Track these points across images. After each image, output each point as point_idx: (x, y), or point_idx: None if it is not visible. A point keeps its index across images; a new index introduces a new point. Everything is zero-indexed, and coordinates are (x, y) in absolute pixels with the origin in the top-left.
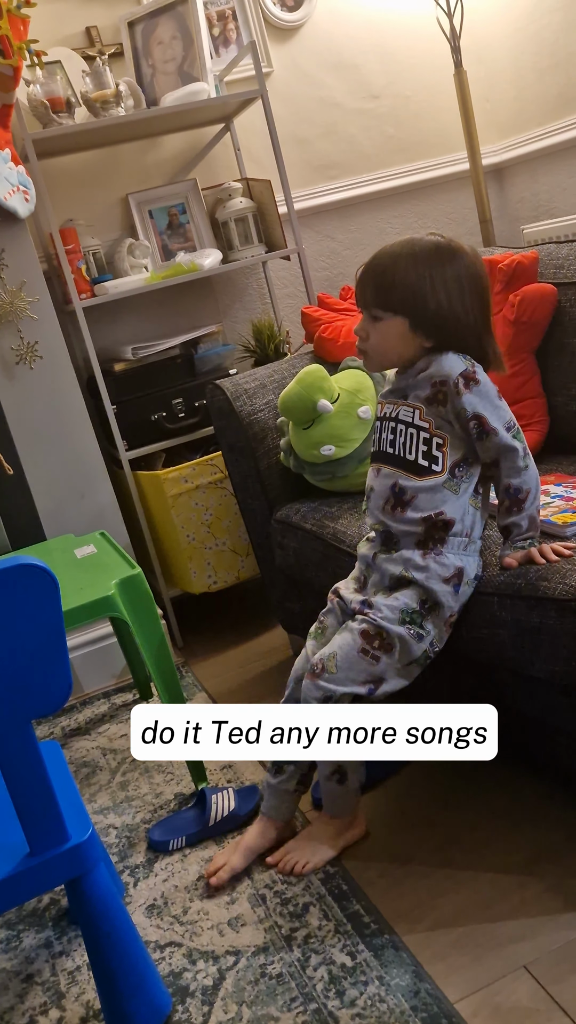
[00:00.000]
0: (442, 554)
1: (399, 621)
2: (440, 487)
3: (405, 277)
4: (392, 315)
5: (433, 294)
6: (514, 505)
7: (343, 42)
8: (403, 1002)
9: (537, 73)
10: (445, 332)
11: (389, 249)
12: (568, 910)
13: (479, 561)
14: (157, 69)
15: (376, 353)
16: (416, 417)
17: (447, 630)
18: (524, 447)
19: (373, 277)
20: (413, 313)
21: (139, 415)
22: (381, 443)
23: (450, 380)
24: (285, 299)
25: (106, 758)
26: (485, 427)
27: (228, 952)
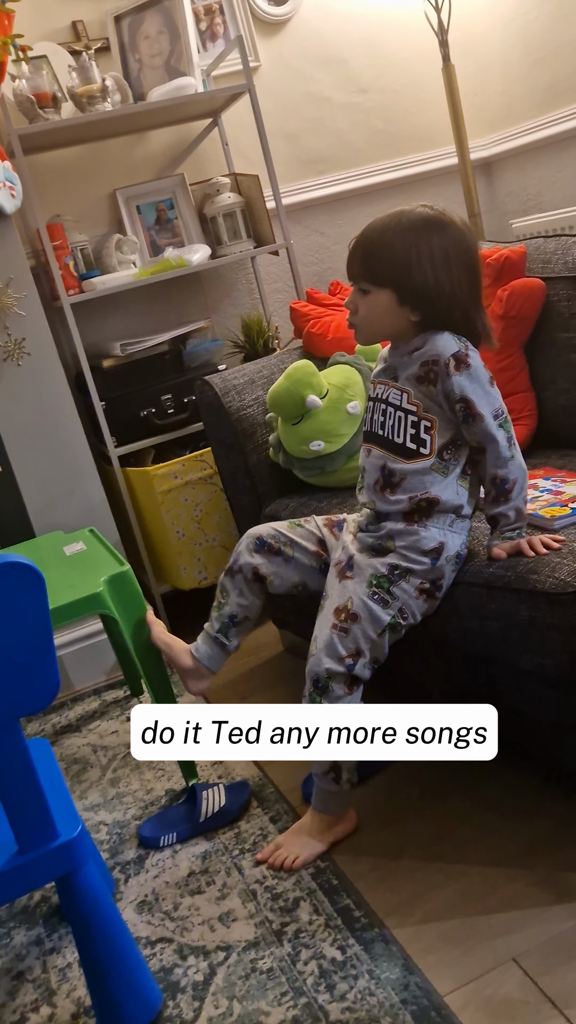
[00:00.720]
0: (426, 527)
1: (367, 584)
2: (428, 470)
3: (391, 249)
4: (379, 288)
5: (419, 266)
6: (500, 496)
7: (331, 36)
8: (393, 995)
9: (525, 67)
10: (431, 305)
11: (378, 221)
12: (558, 902)
13: (464, 540)
14: (144, 64)
15: (364, 326)
16: (404, 400)
17: (420, 599)
18: (510, 436)
19: (361, 250)
20: (399, 286)
21: (128, 411)
22: (373, 424)
23: (441, 359)
24: (274, 294)
25: (97, 755)
26: (472, 411)
27: (219, 947)
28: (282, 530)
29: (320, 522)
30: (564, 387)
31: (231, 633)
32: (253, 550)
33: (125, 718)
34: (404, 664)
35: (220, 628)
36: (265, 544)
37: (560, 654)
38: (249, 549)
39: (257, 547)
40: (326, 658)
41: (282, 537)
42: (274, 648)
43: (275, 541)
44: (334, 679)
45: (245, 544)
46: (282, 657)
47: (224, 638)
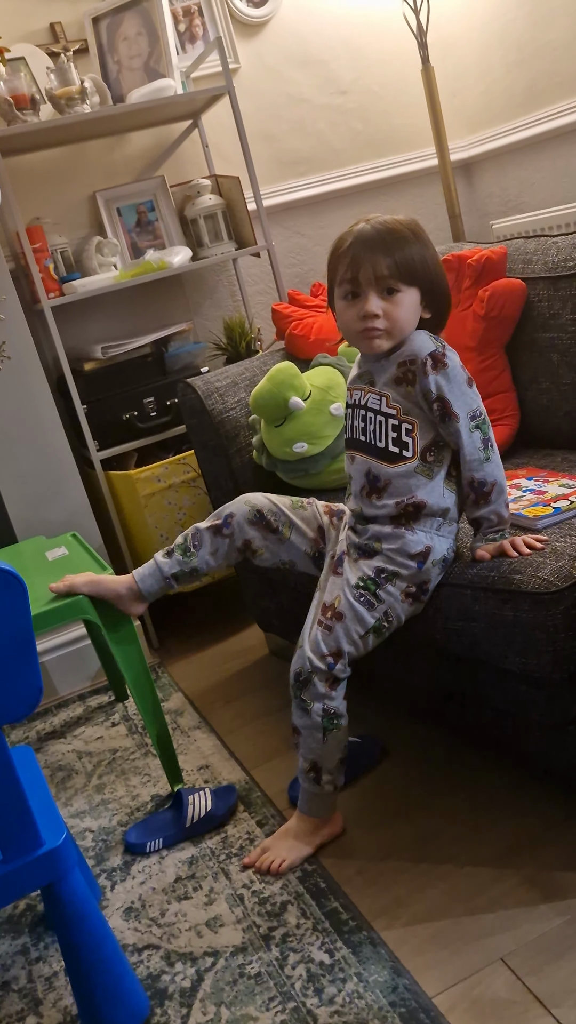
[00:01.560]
0: (413, 531)
1: (354, 586)
2: (413, 472)
3: (418, 247)
4: (409, 287)
5: (437, 267)
6: (480, 498)
7: (310, 38)
8: (381, 998)
9: (504, 69)
10: (440, 304)
11: (391, 224)
12: (544, 901)
13: (452, 545)
14: (123, 65)
15: (394, 329)
16: (383, 404)
17: (406, 602)
18: (486, 439)
19: (385, 250)
20: (426, 284)
21: (110, 415)
22: (354, 430)
23: (419, 359)
24: (256, 296)
25: (82, 761)
26: (448, 411)
27: (206, 953)
28: (284, 508)
29: (321, 508)
30: (545, 387)
31: (182, 581)
32: (251, 521)
33: (110, 724)
34: (389, 665)
35: (176, 574)
36: (264, 519)
37: (544, 654)
38: (247, 519)
39: (255, 519)
40: (310, 652)
41: (283, 516)
42: (259, 651)
43: (275, 519)
44: (316, 675)
45: (242, 512)
46: (267, 660)
47: (174, 581)
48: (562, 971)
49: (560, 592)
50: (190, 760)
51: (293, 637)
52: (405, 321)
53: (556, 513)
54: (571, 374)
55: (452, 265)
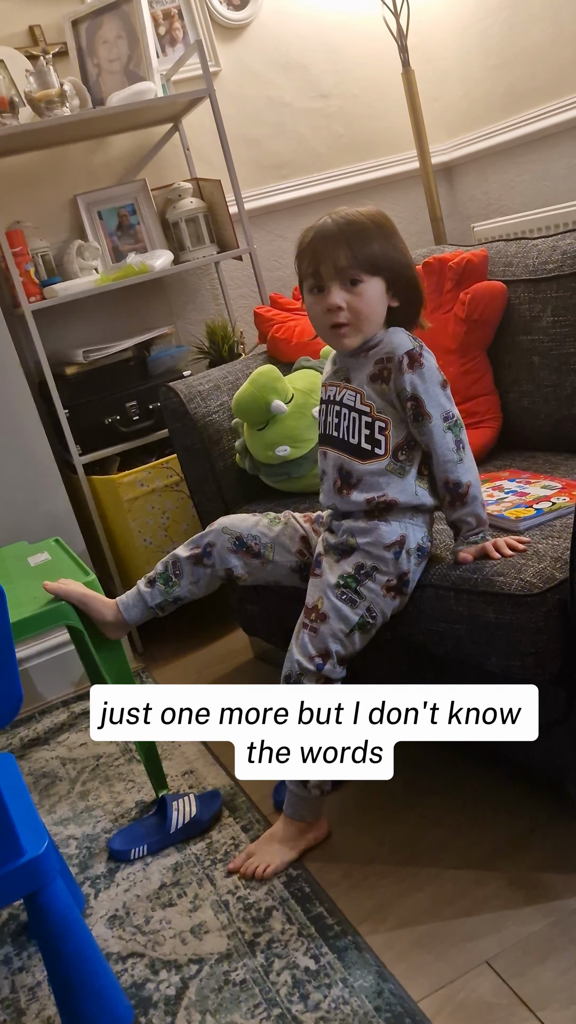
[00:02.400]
0: (387, 522)
1: (334, 586)
2: (384, 471)
3: (381, 237)
4: (372, 276)
5: (401, 251)
6: (456, 500)
7: (291, 41)
8: (367, 1003)
9: (484, 72)
10: (410, 293)
11: (348, 215)
12: (528, 903)
13: (426, 534)
14: (103, 68)
15: (360, 320)
16: (358, 401)
17: (388, 597)
18: (459, 440)
19: (347, 241)
20: (393, 271)
21: (92, 419)
22: (327, 426)
23: (396, 356)
24: (238, 299)
25: (66, 768)
26: (421, 410)
27: (191, 960)
28: (263, 529)
29: (299, 518)
30: (527, 389)
31: (167, 608)
32: (232, 549)
33: None
34: (372, 666)
35: (160, 604)
36: (245, 545)
37: (526, 655)
38: (227, 548)
39: (236, 547)
40: (298, 655)
41: (264, 539)
42: (244, 655)
43: (255, 543)
44: (306, 676)
45: (221, 542)
46: (252, 664)
47: (159, 611)
48: (547, 973)
49: (542, 594)
50: (175, 766)
51: (278, 641)
52: (370, 312)
53: (538, 515)
54: (552, 376)
55: (434, 268)
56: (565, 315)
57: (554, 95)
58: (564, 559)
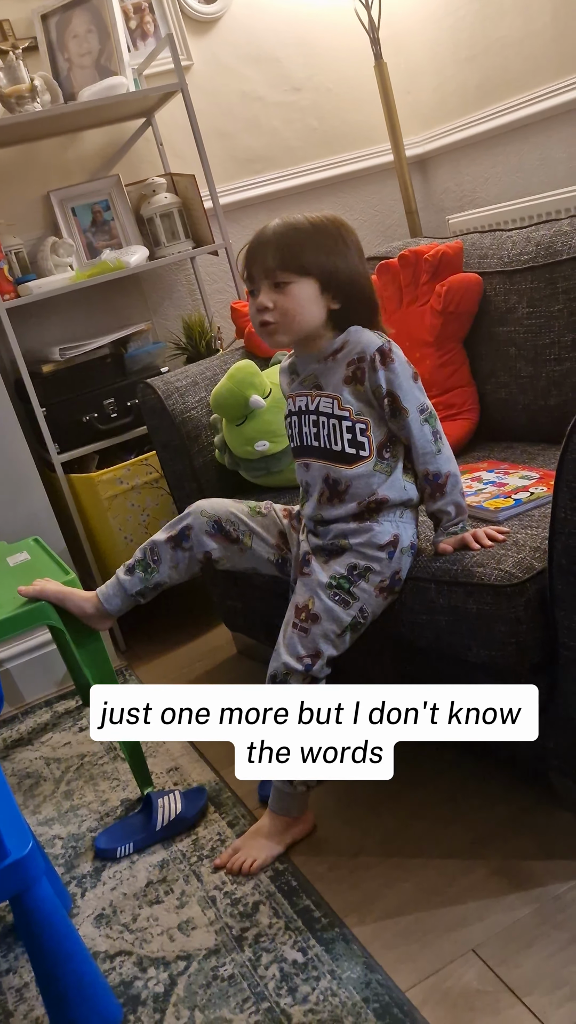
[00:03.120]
0: (379, 522)
1: (327, 586)
2: (372, 471)
3: (314, 240)
4: (301, 277)
5: (342, 257)
6: (436, 491)
7: (263, 34)
8: (355, 994)
9: (456, 64)
10: (354, 294)
11: (281, 222)
12: (513, 891)
13: (415, 530)
14: (73, 63)
15: (288, 321)
16: (335, 407)
17: (380, 597)
18: (435, 431)
19: (277, 244)
20: (324, 272)
21: (70, 417)
22: (303, 437)
23: (367, 355)
24: (215, 294)
25: (50, 768)
26: (398, 405)
27: (179, 957)
28: (243, 516)
29: (279, 511)
30: (504, 380)
31: (148, 594)
32: (210, 533)
33: (78, 729)
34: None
35: (140, 591)
36: (223, 529)
37: (507, 645)
38: (205, 531)
39: (214, 530)
40: (285, 655)
41: (242, 526)
42: (227, 651)
43: (233, 529)
44: (292, 676)
45: (199, 524)
46: (235, 660)
47: (140, 597)
48: (532, 959)
49: (522, 584)
50: (159, 763)
51: (260, 636)
52: (299, 313)
53: (517, 505)
54: (528, 367)
55: (409, 261)
56: (540, 306)
57: (526, 87)
58: (543, 549)
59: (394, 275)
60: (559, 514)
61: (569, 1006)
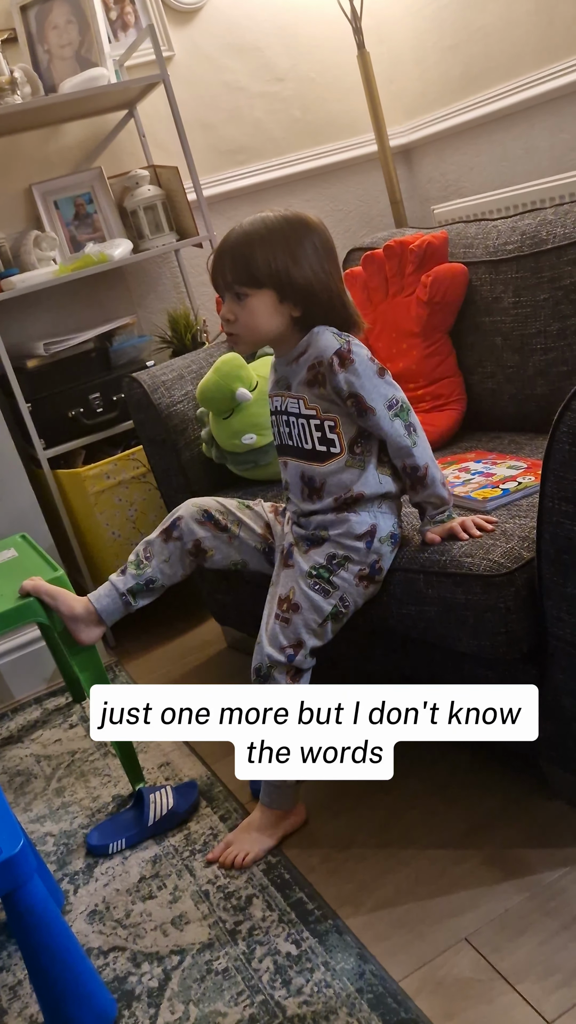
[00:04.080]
0: (357, 513)
1: (306, 575)
2: (344, 467)
3: (266, 251)
4: (258, 289)
5: (296, 264)
6: (417, 483)
7: (244, 24)
8: (348, 985)
9: (439, 53)
10: (313, 297)
11: (239, 230)
12: (505, 879)
13: (396, 520)
14: (53, 55)
15: (247, 332)
16: (302, 407)
17: (361, 586)
18: (408, 424)
19: (231, 256)
20: (279, 283)
21: (55, 412)
22: (282, 436)
23: (324, 359)
24: (200, 287)
25: (40, 765)
26: (363, 406)
27: (173, 952)
28: (231, 508)
29: (266, 506)
30: (491, 371)
31: (140, 596)
32: (199, 520)
33: (68, 725)
34: (345, 651)
35: (132, 588)
36: (212, 518)
37: (497, 635)
38: (195, 518)
39: (204, 518)
40: (268, 647)
41: (231, 515)
42: (217, 645)
43: (223, 517)
44: (276, 668)
45: (189, 512)
46: (225, 654)
47: (132, 599)
48: (524, 947)
49: (511, 573)
50: (151, 758)
51: (250, 630)
52: (257, 324)
53: (505, 495)
54: (515, 357)
55: (395, 251)
56: (526, 295)
57: (510, 75)
58: (531, 538)
59: (379, 266)
60: (547, 503)
61: (562, 992)
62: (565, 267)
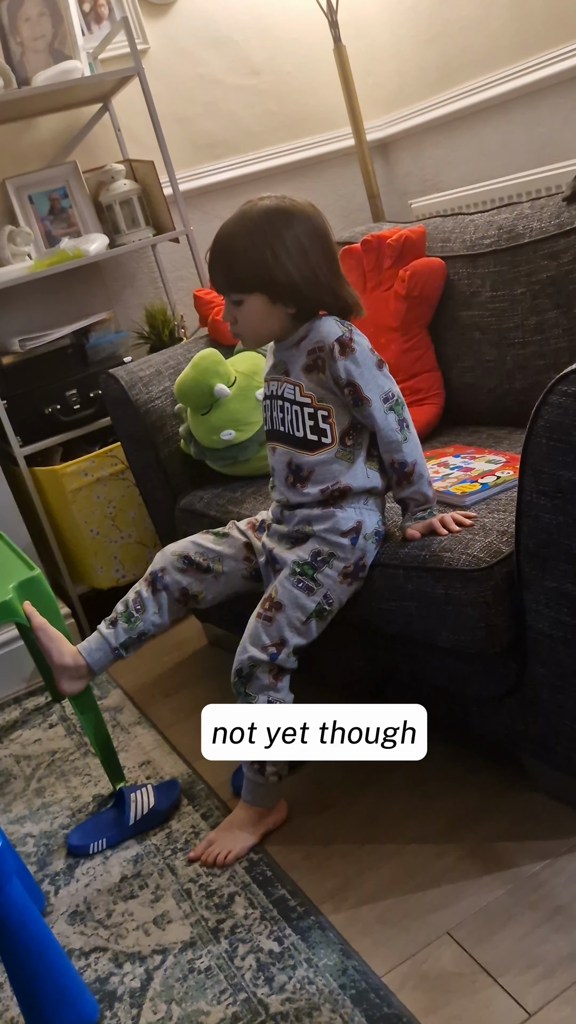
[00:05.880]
0: (342, 508)
1: (290, 573)
2: (334, 458)
3: (248, 255)
4: (249, 294)
5: (279, 264)
6: (403, 479)
7: (220, 17)
8: (331, 981)
9: (416, 47)
10: (302, 295)
11: (226, 229)
12: (486, 872)
13: (380, 517)
14: (26, 47)
15: (248, 333)
16: (298, 394)
17: (345, 583)
18: (402, 419)
19: (219, 263)
20: (267, 287)
21: (32, 409)
22: (273, 421)
23: (326, 345)
24: (177, 282)
25: (20, 765)
26: (359, 395)
27: (155, 951)
28: (208, 544)
29: (242, 526)
30: (469, 365)
31: (132, 648)
32: (181, 569)
33: (48, 725)
34: (327, 647)
35: (124, 643)
36: (192, 562)
37: (477, 629)
38: (175, 567)
39: (184, 565)
40: (250, 646)
41: (209, 553)
42: (198, 642)
43: (203, 558)
44: (258, 667)
45: (169, 563)
46: (207, 651)
47: (124, 651)
48: (506, 940)
49: (490, 568)
50: (131, 757)
51: (231, 626)
52: (254, 326)
53: (483, 489)
54: (493, 351)
55: (372, 245)
56: (503, 289)
57: (486, 69)
58: (510, 532)
59: (357, 260)
60: (525, 497)
61: (543, 984)
62: (541, 261)
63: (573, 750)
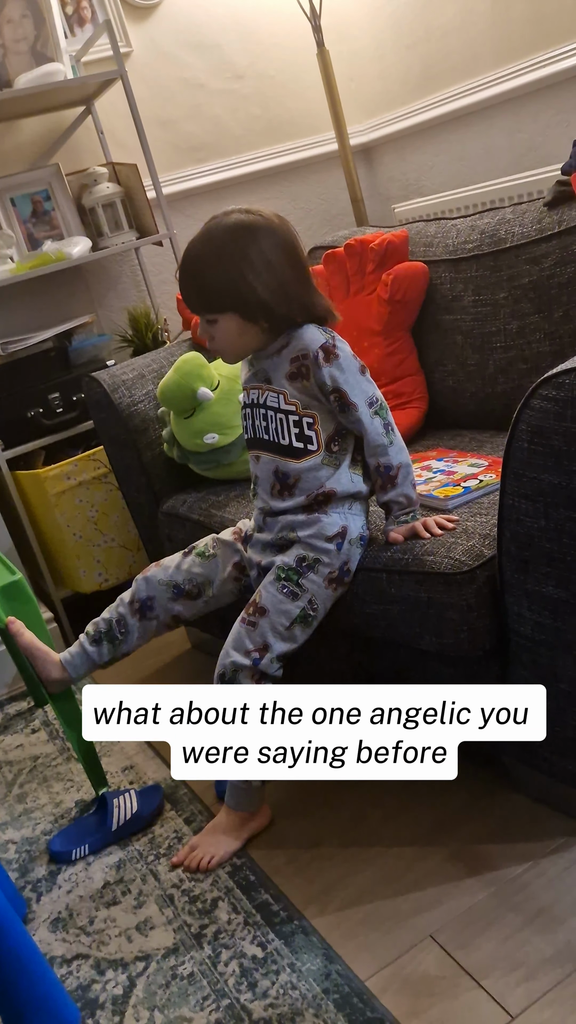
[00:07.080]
0: (327, 513)
1: (275, 578)
2: (320, 465)
3: (216, 277)
4: (221, 314)
5: (247, 284)
6: (387, 483)
7: (203, 20)
8: (315, 986)
9: (399, 52)
10: (274, 311)
11: (193, 249)
12: (469, 875)
13: (364, 522)
14: (8, 49)
15: (226, 350)
16: (282, 402)
17: (330, 589)
18: (387, 423)
19: (190, 285)
20: (239, 307)
21: (14, 413)
22: (255, 430)
23: (310, 352)
24: (160, 285)
25: (2, 771)
26: (345, 401)
27: (137, 958)
28: (196, 570)
29: (228, 537)
30: (451, 368)
31: (114, 662)
32: (172, 598)
33: (30, 731)
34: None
35: (108, 662)
36: (183, 591)
37: (459, 632)
38: (168, 598)
39: (175, 595)
40: (233, 651)
41: (198, 578)
42: (180, 646)
43: (192, 585)
44: (240, 672)
45: (159, 592)
46: (189, 655)
47: (106, 666)
48: (489, 943)
49: (472, 571)
50: (114, 762)
51: (214, 631)
52: (232, 342)
53: (466, 493)
54: (475, 355)
55: (355, 250)
56: (485, 294)
57: (469, 74)
58: (492, 536)
59: (340, 264)
60: (507, 501)
61: (525, 986)
62: (523, 265)
63: (555, 753)
